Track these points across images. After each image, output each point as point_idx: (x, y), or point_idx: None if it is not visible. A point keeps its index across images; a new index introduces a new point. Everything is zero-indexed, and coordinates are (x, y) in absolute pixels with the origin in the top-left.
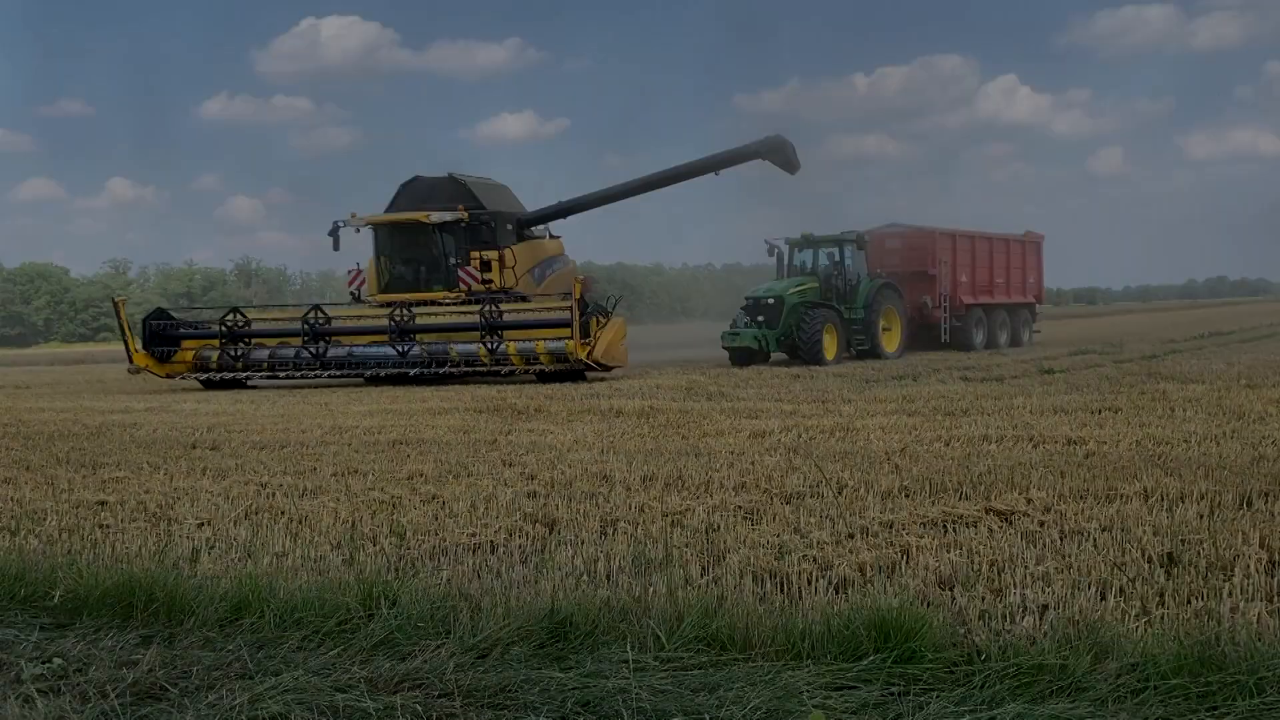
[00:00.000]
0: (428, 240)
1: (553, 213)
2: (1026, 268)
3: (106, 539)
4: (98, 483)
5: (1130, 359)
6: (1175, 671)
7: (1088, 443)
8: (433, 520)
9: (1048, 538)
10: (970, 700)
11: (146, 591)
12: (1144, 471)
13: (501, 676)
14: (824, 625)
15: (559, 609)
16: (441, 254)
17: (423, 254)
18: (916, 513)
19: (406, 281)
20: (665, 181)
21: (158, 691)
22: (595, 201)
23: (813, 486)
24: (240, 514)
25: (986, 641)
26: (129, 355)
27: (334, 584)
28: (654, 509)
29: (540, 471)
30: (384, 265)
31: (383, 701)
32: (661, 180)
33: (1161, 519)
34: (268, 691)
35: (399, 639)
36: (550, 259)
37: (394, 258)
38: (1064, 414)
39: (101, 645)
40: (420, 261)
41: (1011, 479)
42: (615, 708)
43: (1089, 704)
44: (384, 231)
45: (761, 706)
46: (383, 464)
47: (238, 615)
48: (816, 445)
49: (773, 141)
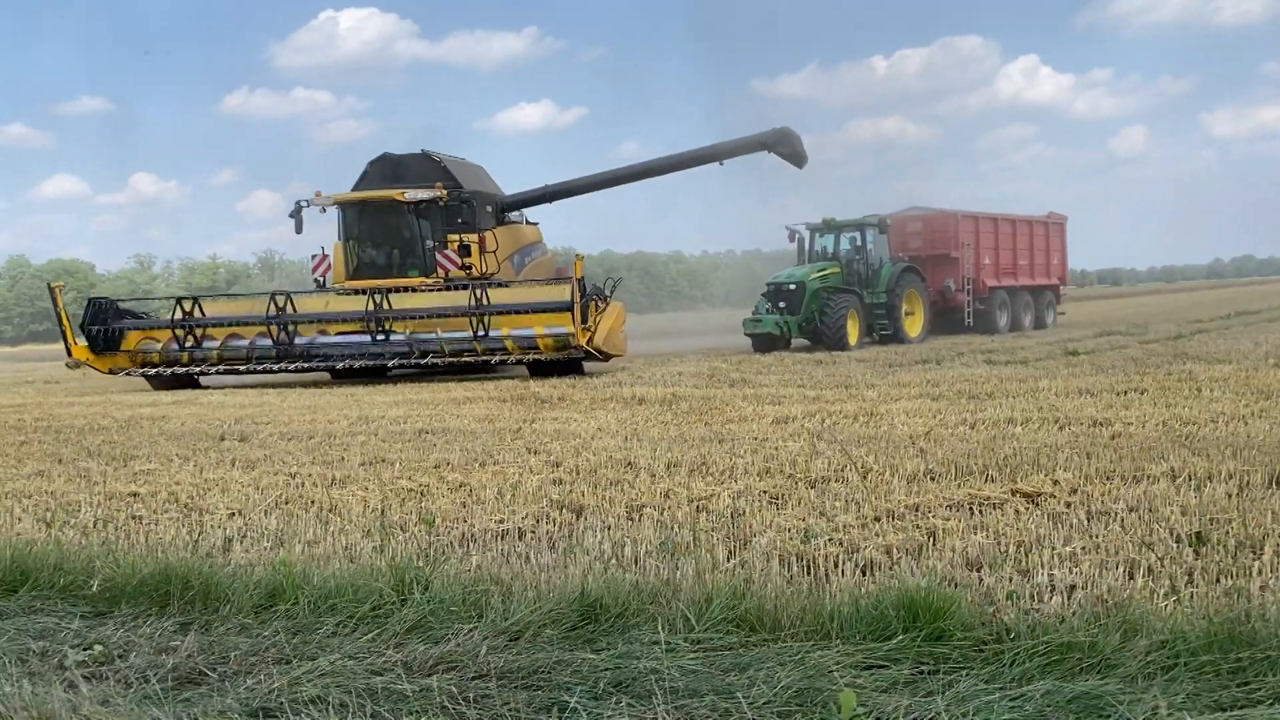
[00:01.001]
0: (402, 221)
1: (536, 197)
2: (1050, 249)
3: (140, 529)
4: (129, 475)
5: (1156, 340)
6: (1205, 648)
7: (1114, 424)
8: (461, 508)
9: (1074, 518)
10: (1000, 678)
11: (182, 580)
12: (1171, 452)
13: (534, 658)
14: (852, 606)
15: (589, 592)
16: (417, 236)
17: (395, 236)
18: (942, 495)
19: (377, 266)
20: (662, 170)
21: (197, 676)
22: (583, 187)
23: (837, 471)
24: (270, 503)
25: (1015, 620)
26: (67, 348)
27: (366, 570)
28: (679, 494)
29: (565, 459)
30: (352, 249)
31: (419, 684)
32: (659, 168)
33: (1189, 499)
34: (305, 675)
35: (432, 623)
36: (529, 246)
37: (363, 240)
38: (1089, 395)
39: (140, 632)
40: (393, 244)
41: (1037, 461)
42: (648, 687)
43: (1119, 680)
44: (353, 212)
45: (792, 686)
46: (410, 453)
47: (272, 602)
48: (840, 430)
49: (780, 133)
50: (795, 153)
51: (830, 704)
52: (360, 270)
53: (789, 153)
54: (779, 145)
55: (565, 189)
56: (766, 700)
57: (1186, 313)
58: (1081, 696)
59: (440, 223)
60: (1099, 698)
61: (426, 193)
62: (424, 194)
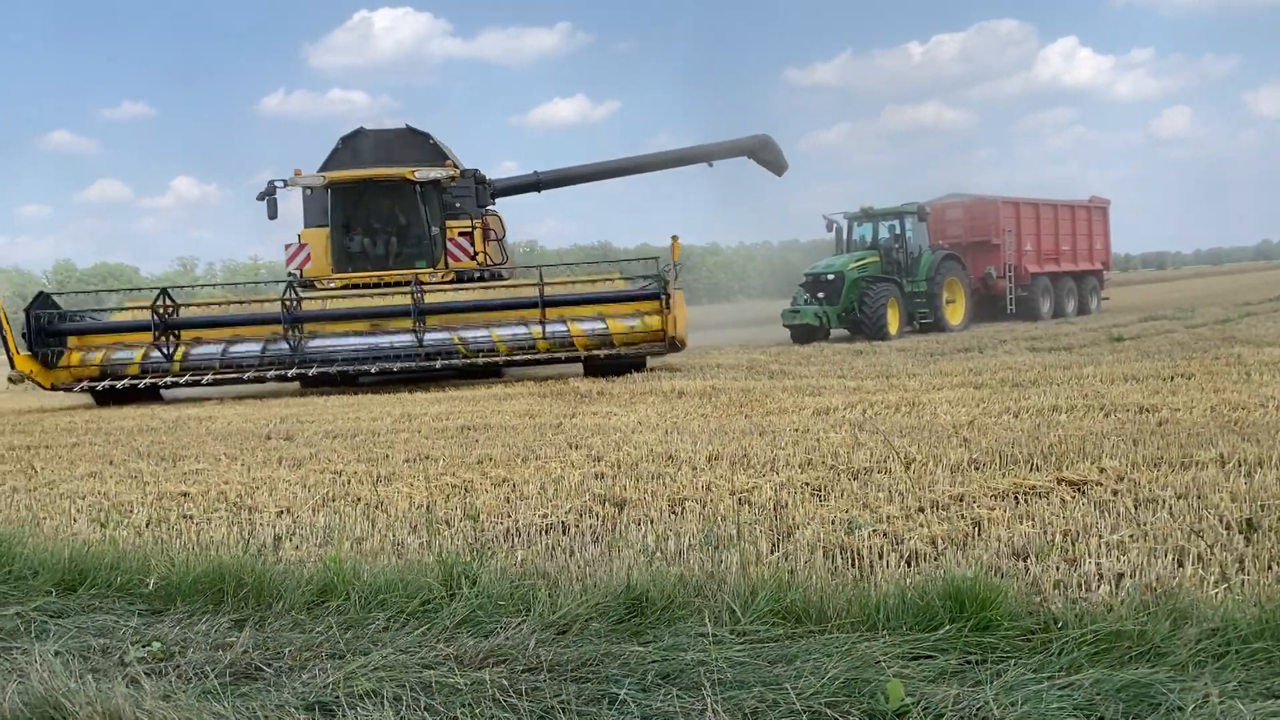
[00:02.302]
0: (408, 204)
1: (526, 184)
2: (1093, 234)
3: (192, 528)
4: (179, 475)
5: (1203, 324)
6: (1257, 635)
7: (1160, 410)
8: (504, 503)
9: (1122, 506)
10: (1049, 667)
11: (235, 577)
12: (1220, 438)
13: (582, 651)
14: (898, 597)
15: (634, 585)
16: (424, 221)
17: (393, 222)
18: (987, 485)
19: (372, 257)
20: (651, 166)
21: (253, 672)
22: (575, 178)
23: (880, 462)
24: (318, 501)
25: (1063, 610)
26: (10, 359)
27: (414, 566)
28: (721, 487)
29: (606, 453)
30: (338, 237)
31: (470, 677)
32: (648, 164)
33: (1239, 485)
34: (359, 670)
35: (481, 617)
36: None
37: (355, 227)
38: (1135, 382)
39: (196, 629)
40: (392, 231)
41: (1083, 449)
42: (696, 679)
43: (1169, 669)
44: (345, 194)
45: (840, 676)
46: (453, 449)
47: (324, 598)
48: (882, 420)
49: (760, 140)
50: (775, 161)
51: (878, 694)
52: (352, 262)
53: (769, 160)
54: (760, 152)
55: (556, 178)
56: (814, 691)
57: (1234, 295)
58: (1131, 685)
59: (439, 207)
60: (1149, 686)
61: (439, 172)
62: (436, 173)
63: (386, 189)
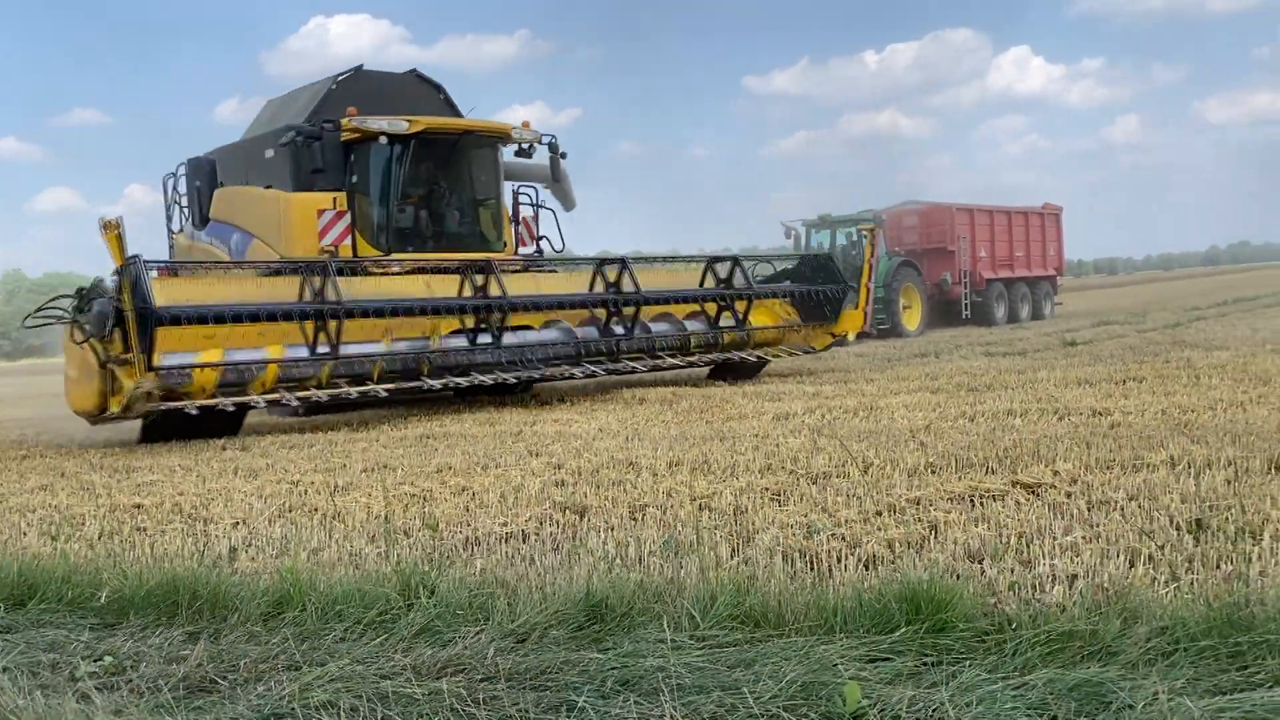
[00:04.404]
0: (487, 170)
1: None
2: (1046, 240)
3: (145, 540)
4: (132, 486)
5: (1154, 328)
6: (1205, 634)
7: (1113, 413)
8: (464, 511)
9: (1075, 508)
10: (1003, 667)
11: (190, 589)
12: (1170, 440)
13: (541, 659)
14: (856, 600)
15: (594, 592)
16: (499, 194)
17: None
18: (943, 488)
19: (426, 235)
20: None
21: (208, 685)
22: None
23: (838, 466)
24: (274, 512)
25: (1017, 611)
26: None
27: (372, 576)
28: (681, 493)
29: (567, 460)
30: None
31: (428, 687)
32: None
33: (1189, 486)
34: (316, 681)
35: (439, 627)
36: None
37: (412, 193)
38: (1088, 385)
39: (150, 643)
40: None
41: (1037, 452)
42: (654, 685)
43: (1120, 667)
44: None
45: (798, 680)
46: (411, 458)
47: (279, 610)
48: (840, 425)
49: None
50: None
51: (835, 697)
52: (401, 239)
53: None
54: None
55: None
56: (772, 695)
57: (1184, 300)
58: (1083, 684)
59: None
60: (1100, 685)
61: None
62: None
63: (444, 145)
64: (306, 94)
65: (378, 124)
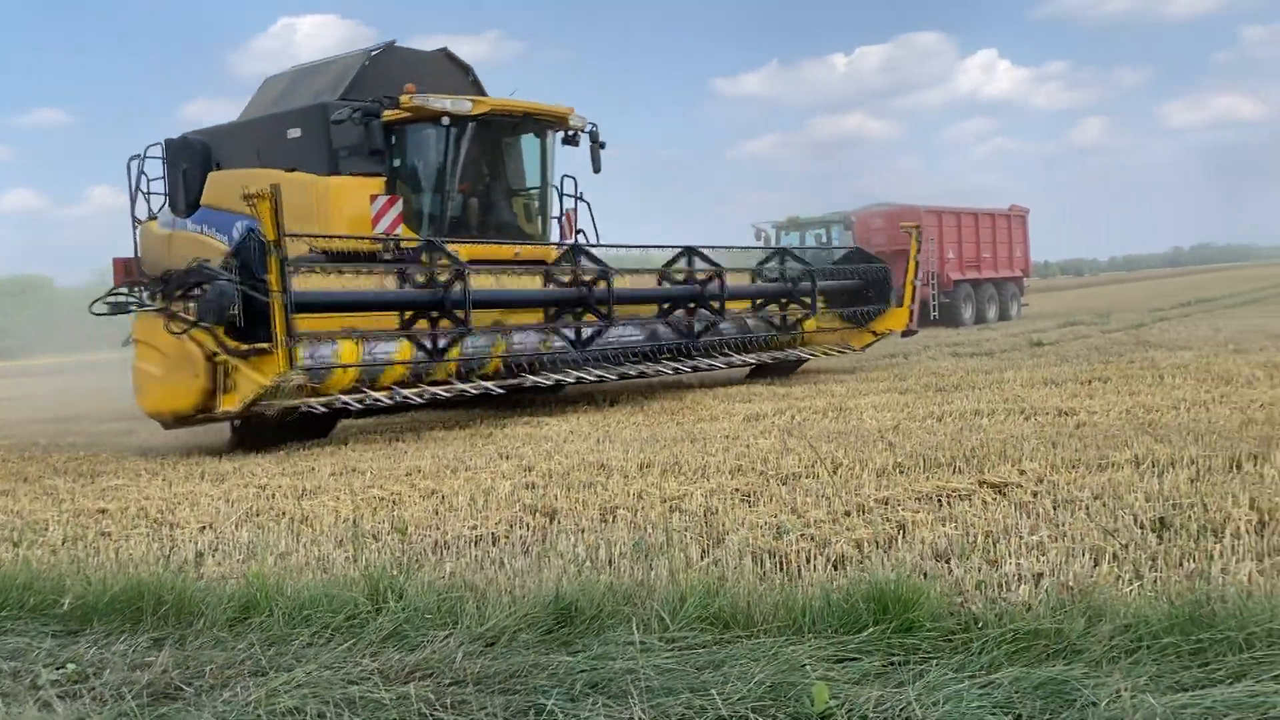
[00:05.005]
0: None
1: None
2: (1012, 242)
3: (110, 546)
4: (97, 491)
5: (1118, 329)
6: (1167, 631)
7: (1078, 413)
8: (433, 515)
9: (1041, 508)
10: (969, 666)
11: (154, 595)
12: (1134, 439)
13: (510, 663)
14: (824, 600)
15: (563, 595)
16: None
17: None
18: (911, 488)
19: (469, 225)
20: None
21: (173, 692)
22: None
23: (808, 467)
24: (241, 516)
25: (983, 610)
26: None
27: (340, 581)
28: (652, 495)
29: (537, 463)
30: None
31: (395, 691)
32: None
33: (1152, 485)
34: (282, 687)
35: (407, 631)
36: None
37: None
38: (1054, 385)
39: (113, 650)
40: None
41: (1004, 451)
42: (624, 687)
43: (1084, 665)
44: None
45: (766, 681)
46: (380, 461)
47: (246, 615)
48: (810, 426)
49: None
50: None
51: (804, 698)
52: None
53: None
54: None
55: None
56: (741, 696)
57: (1148, 301)
58: (1048, 682)
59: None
60: (1064, 683)
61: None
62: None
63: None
64: (333, 69)
65: (440, 103)
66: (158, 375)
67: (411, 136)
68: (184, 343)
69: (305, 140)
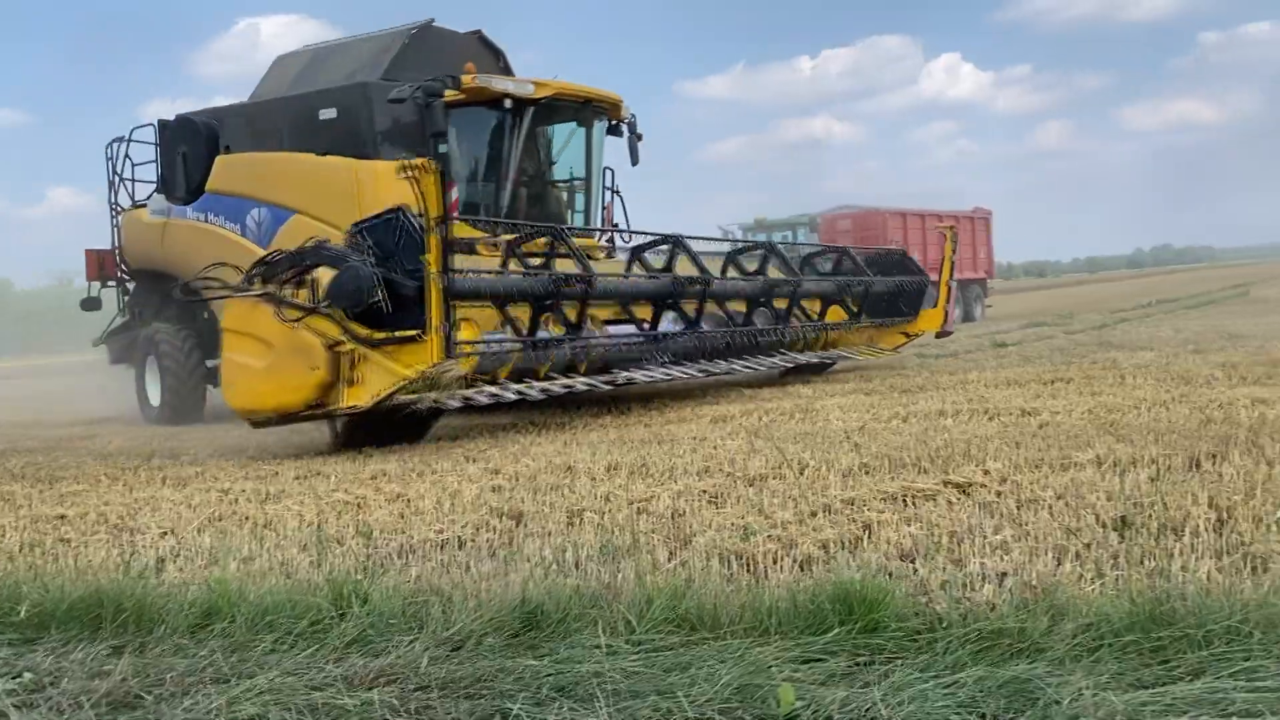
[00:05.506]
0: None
1: None
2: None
3: (69, 552)
4: (56, 496)
5: (1081, 329)
6: (1128, 629)
7: (1041, 413)
8: (399, 519)
9: (1005, 507)
10: (934, 666)
11: (114, 602)
12: (1096, 439)
13: (476, 667)
14: (790, 601)
15: (530, 599)
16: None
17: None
18: (877, 489)
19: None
20: None
21: (132, 700)
22: None
23: (775, 468)
24: (204, 521)
25: (948, 610)
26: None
27: (303, 586)
28: (619, 497)
29: (504, 465)
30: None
31: (360, 697)
32: None
33: (1114, 484)
34: (244, 694)
35: (372, 636)
36: None
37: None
38: (1018, 386)
39: (72, 658)
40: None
41: (968, 452)
42: (590, 690)
43: (1047, 663)
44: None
45: (732, 682)
46: (345, 465)
47: (208, 621)
48: (777, 428)
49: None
50: None
51: (770, 699)
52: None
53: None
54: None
55: None
56: (708, 698)
57: (1109, 302)
58: (1011, 681)
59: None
60: (1027, 682)
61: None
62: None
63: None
64: (366, 48)
65: (503, 85)
66: (259, 368)
67: (468, 120)
68: (298, 331)
69: (342, 121)
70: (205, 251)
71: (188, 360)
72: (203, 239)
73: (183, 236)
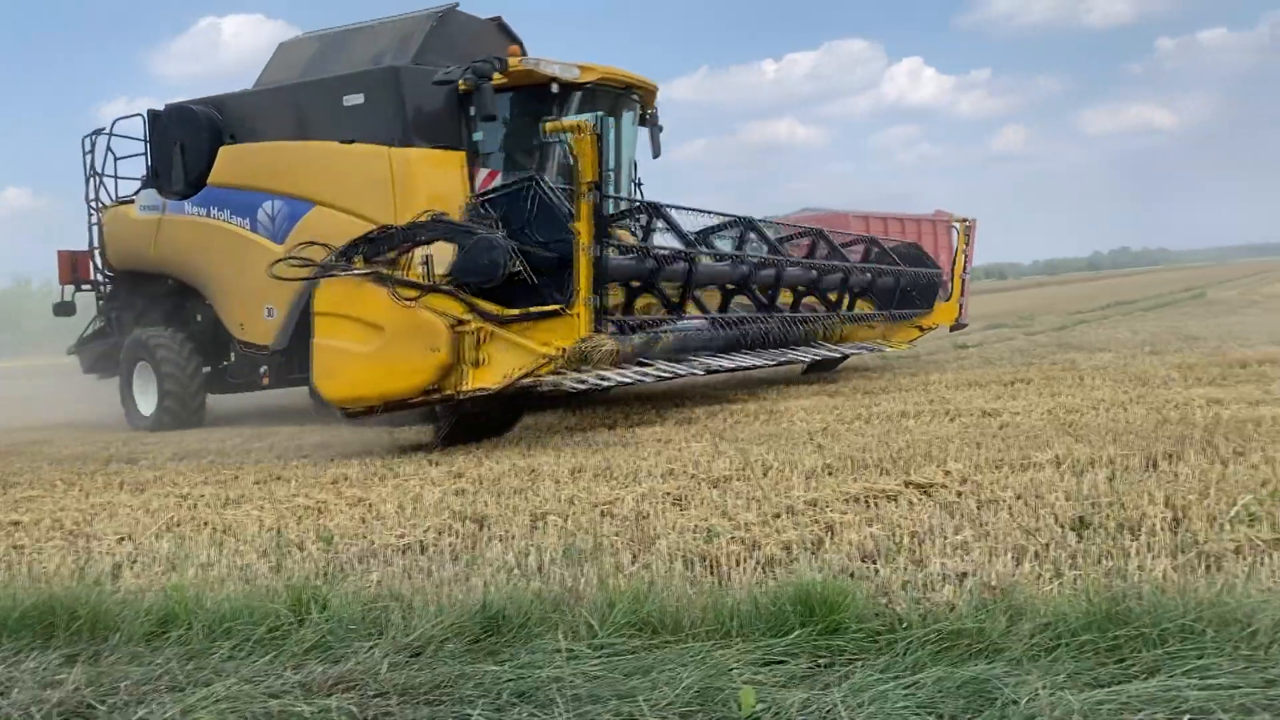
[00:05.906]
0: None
1: None
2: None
3: (22, 559)
4: (9, 503)
5: (1040, 331)
6: (1085, 628)
7: (1002, 414)
8: (360, 524)
9: (965, 508)
10: (894, 667)
11: (68, 610)
12: (1055, 439)
13: (436, 673)
14: (751, 604)
15: (491, 604)
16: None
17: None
18: (839, 490)
19: None
20: None
21: (85, 710)
22: None
23: (739, 470)
24: (162, 526)
25: (908, 610)
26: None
27: (262, 592)
28: (583, 500)
29: (468, 469)
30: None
31: (317, 704)
32: None
33: (1072, 484)
34: (200, 703)
35: (331, 642)
36: None
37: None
38: (978, 387)
39: (23, 668)
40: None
41: (930, 452)
42: (550, 696)
43: (1005, 663)
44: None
45: (694, 685)
46: (305, 469)
47: (164, 628)
48: (741, 429)
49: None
50: None
51: (731, 702)
52: None
53: None
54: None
55: None
56: (669, 701)
57: (1068, 304)
58: (970, 681)
59: None
60: (986, 682)
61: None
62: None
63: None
64: (389, 31)
65: (551, 68)
66: (364, 353)
67: (508, 104)
68: (413, 311)
69: (370, 107)
70: (209, 249)
71: (188, 365)
72: (206, 236)
73: (181, 234)
